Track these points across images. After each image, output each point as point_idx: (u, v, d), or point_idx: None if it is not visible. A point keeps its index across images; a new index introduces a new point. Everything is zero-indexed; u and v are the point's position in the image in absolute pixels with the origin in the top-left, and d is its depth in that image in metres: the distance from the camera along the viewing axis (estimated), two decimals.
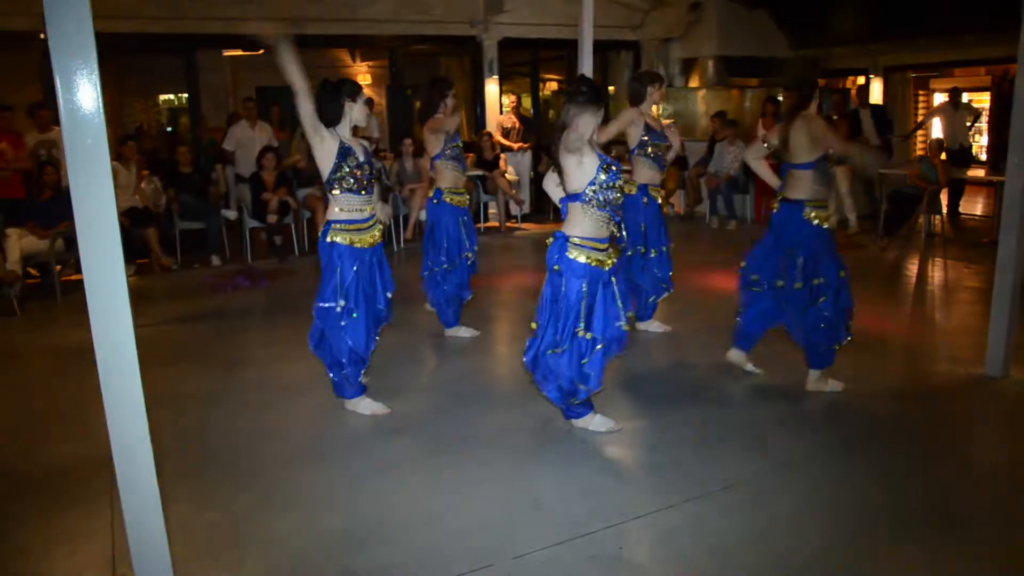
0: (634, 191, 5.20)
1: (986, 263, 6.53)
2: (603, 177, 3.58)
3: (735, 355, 4.67)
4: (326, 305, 4.02)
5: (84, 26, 2.16)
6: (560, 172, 3.71)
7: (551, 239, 3.74)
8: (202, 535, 3.11)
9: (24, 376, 5.19)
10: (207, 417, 4.32)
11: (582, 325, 3.65)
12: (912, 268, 7.64)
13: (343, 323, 4.03)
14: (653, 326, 5.62)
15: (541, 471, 3.62)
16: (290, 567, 2.91)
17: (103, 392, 2.33)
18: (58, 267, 7.04)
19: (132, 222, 7.67)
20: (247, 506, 3.33)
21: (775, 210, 4.40)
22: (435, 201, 5.38)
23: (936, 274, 7.37)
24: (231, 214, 8.81)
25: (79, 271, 2.26)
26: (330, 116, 3.93)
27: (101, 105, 2.21)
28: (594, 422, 3.95)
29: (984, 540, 3.02)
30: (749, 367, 4.66)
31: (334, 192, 3.98)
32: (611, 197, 3.63)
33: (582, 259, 3.63)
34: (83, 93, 2.18)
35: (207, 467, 3.71)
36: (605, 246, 3.70)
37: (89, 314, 2.27)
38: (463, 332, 5.61)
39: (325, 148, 3.91)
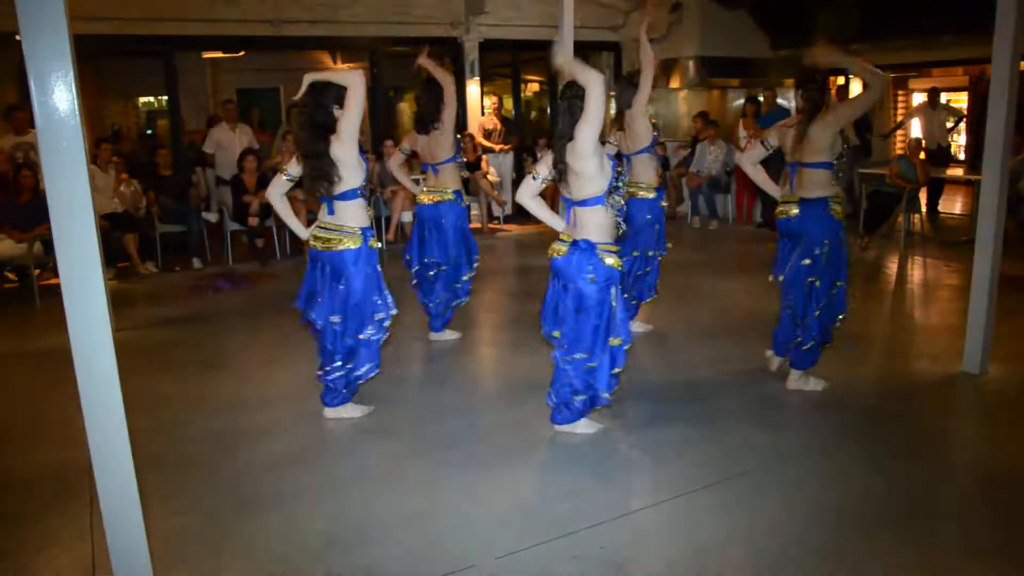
0: (642, 194, 5.13)
1: (965, 261, 6.60)
2: (620, 175, 3.58)
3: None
4: (382, 314, 3.99)
5: (59, 28, 2.15)
6: (562, 179, 3.63)
7: (563, 248, 3.65)
8: (182, 539, 3.09)
9: (2, 381, 5.13)
10: (187, 421, 4.29)
11: (614, 333, 3.65)
12: (892, 267, 7.71)
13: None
14: (635, 326, 5.63)
15: (524, 471, 3.62)
16: (272, 571, 2.89)
17: (81, 397, 2.32)
18: (36, 271, 6.97)
19: (112, 226, 7.62)
20: (228, 509, 3.31)
21: (795, 214, 4.23)
22: (461, 204, 5.30)
23: (915, 272, 7.44)
24: (212, 217, 8.76)
25: (58, 275, 2.25)
26: (327, 122, 3.76)
27: (77, 108, 2.20)
28: (580, 425, 3.94)
29: (965, 533, 3.06)
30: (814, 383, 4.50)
31: (362, 199, 3.93)
32: (621, 197, 3.63)
33: (610, 263, 3.61)
34: (58, 96, 2.16)
35: (188, 471, 3.68)
36: (618, 248, 3.70)
37: (67, 318, 2.26)
38: (447, 335, 5.60)
39: (360, 156, 3.86)
